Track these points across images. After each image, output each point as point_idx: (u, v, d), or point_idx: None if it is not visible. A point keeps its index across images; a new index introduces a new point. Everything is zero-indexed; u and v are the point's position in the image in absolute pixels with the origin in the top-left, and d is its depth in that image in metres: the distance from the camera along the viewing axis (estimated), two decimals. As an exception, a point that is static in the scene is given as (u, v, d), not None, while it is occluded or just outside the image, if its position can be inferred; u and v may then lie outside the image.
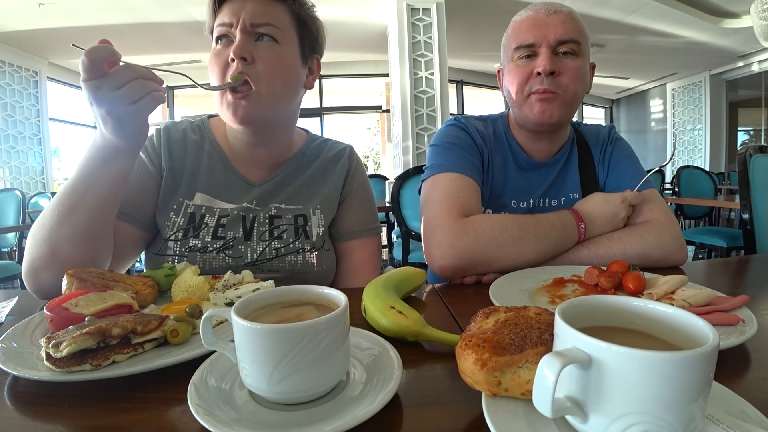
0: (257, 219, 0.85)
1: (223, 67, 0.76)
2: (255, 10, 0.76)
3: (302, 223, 0.87)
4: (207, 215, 0.83)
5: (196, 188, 0.85)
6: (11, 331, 0.51)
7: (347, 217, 0.92)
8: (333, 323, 0.36)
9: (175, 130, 0.89)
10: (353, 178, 0.95)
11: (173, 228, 0.81)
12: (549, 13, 0.87)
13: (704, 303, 0.56)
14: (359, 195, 0.95)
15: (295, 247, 0.84)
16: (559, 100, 0.87)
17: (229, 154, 0.89)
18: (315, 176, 0.92)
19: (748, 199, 1.61)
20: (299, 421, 0.35)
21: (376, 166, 10.11)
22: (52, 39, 5.35)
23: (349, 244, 0.92)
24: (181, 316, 0.51)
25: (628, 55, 6.79)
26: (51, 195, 5.09)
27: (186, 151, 0.87)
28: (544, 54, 0.86)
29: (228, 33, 0.77)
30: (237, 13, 0.76)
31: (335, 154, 0.95)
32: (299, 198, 0.89)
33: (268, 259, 0.83)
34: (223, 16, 0.77)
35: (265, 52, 0.77)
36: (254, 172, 0.89)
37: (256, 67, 0.76)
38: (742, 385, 0.41)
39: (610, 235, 0.86)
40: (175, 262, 0.78)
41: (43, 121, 6.09)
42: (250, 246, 0.83)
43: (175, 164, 0.85)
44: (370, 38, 5.83)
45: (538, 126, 0.91)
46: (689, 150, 8.17)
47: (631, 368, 0.26)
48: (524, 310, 0.42)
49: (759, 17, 3.96)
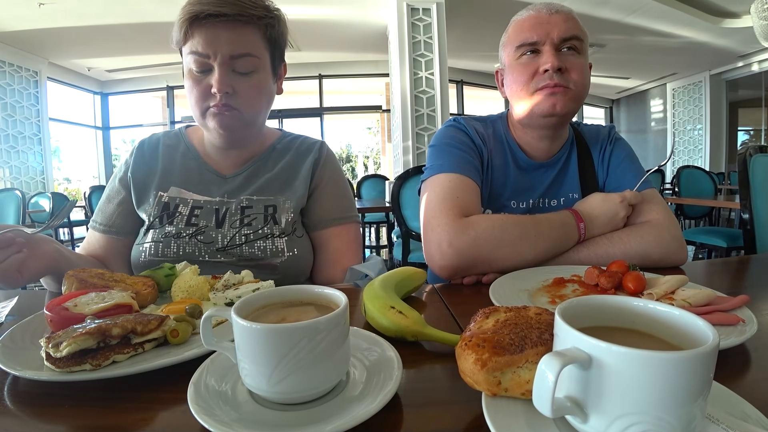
0: (229, 210, 0.89)
1: (204, 95, 0.81)
2: (231, 40, 0.78)
3: (272, 212, 0.90)
4: (181, 205, 0.89)
5: (171, 183, 0.91)
6: (11, 331, 0.51)
7: (319, 205, 0.94)
8: (333, 323, 0.36)
9: (148, 142, 0.98)
10: (323, 168, 0.97)
11: (150, 217, 0.88)
12: (551, 12, 0.88)
13: (704, 303, 0.56)
14: (330, 185, 0.96)
15: (264, 233, 0.87)
16: (570, 94, 0.87)
17: (203, 154, 0.96)
18: (285, 169, 0.95)
19: (748, 199, 1.61)
20: (299, 421, 0.35)
21: (376, 166, 10.12)
22: (52, 39, 5.36)
23: (324, 233, 0.94)
24: (181, 316, 0.51)
25: (628, 55, 6.79)
26: (51, 195, 5.10)
27: (158, 155, 0.95)
28: (548, 52, 0.86)
29: (205, 63, 0.79)
30: (213, 44, 0.78)
31: (306, 148, 0.99)
32: (270, 189, 0.92)
33: (237, 245, 0.86)
34: (198, 45, 0.78)
35: (245, 83, 0.82)
36: (226, 166, 0.94)
37: (238, 97, 0.81)
38: (742, 385, 0.41)
39: (610, 235, 0.86)
40: (151, 250, 0.84)
41: (43, 121, 6.10)
42: (221, 232, 0.87)
43: (146, 166, 0.93)
44: (370, 38, 5.84)
45: (546, 119, 0.90)
46: (689, 150, 8.17)
47: (631, 368, 0.26)
48: (524, 310, 0.42)
49: (759, 17, 3.96)
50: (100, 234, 0.92)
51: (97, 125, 7.59)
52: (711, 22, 5.34)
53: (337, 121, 8.52)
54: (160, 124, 7.89)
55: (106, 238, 0.91)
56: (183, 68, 0.83)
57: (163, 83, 7.41)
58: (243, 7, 0.77)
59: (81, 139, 7.54)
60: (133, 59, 6.47)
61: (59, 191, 6.08)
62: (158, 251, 0.84)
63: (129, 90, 7.61)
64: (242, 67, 0.81)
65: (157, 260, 0.83)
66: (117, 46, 5.87)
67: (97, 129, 7.58)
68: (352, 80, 7.42)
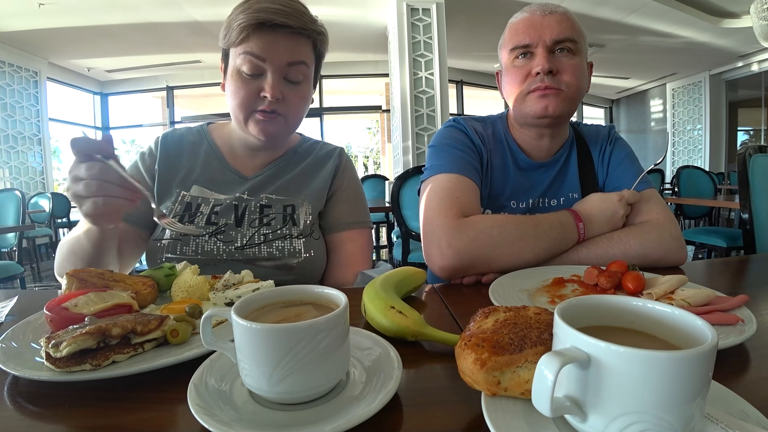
0: (248, 207, 0.90)
1: (251, 97, 0.82)
2: (289, 48, 0.81)
3: (290, 212, 0.91)
4: (202, 204, 0.89)
5: (193, 182, 0.91)
6: (11, 331, 0.51)
7: (336, 209, 0.97)
8: (333, 323, 0.36)
9: (172, 135, 0.97)
10: (343, 174, 1.00)
11: (171, 214, 0.88)
12: (544, 14, 0.88)
13: (704, 303, 0.56)
14: (348, 190, 0.99)
15: (282, 233, 0.88)
16: (561, 95, 0.88)
17: (226, 153, 0.96)
18: (305, 172, 0.97)
19: (747, 199, 1.61)
20: (299, 421, 0.35)
21: (376, 166, 10.12)
22: (52, 39, 5.36)
23: (339, 235, 0.95)
24: (181, 316, 0.51)
25: (627, 55, 6.79)
26: (51, 195, 5.09)
27: (182, 151, 0.95)
28: (541, 54, 0.87)
29: (259, 66, 0.80)
30: (270, 49, 0.80)
31: (326, 153, 1.01)
32: (289, 190, 0.94)
33: (256, 244, 0.87)
34: (255, 47, 0.79)
35: (294, 91, 0.85)
36: (248, 168, 0.96)
37: (286, 104, 0.84)
38: (741, 384, 0.41)
39: (609, 235, 0.86)
40: (170, 248, 0.85)
41: (43, 121, 6.10)
42: (240, 231, 0.88)
43: (171, 161, 0.93)
44: (370, 38, 5.84)
45: (539, 120, 0.91)
46: (689, 150, 8.17)
47: (630, 367, 0.26)
48: (524, 309, 0.42)
49: (759, 17, 3.96)
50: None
51: (97, 125, 7.59)
52: (711, 22, 5.34)
53: (337, 121, 8.51)
54: (160, 124, 7.89)
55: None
56: (227, 68, 0.84)
57: (163, 83, 7.41)
58: (304, 22, 0.81)
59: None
60: (133, 59, 6.47)
61: (59, 191, 6.07)
62: (176, 249, 0.84)
63: (129, 90, 7.62)
64: (294, 75, 0.83)
65: (175, 258, 0.83)
66: (117, 46, 5.88)
67: (97, 129, 7.57)
68: (351, 80, 7.42)
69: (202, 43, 5.83)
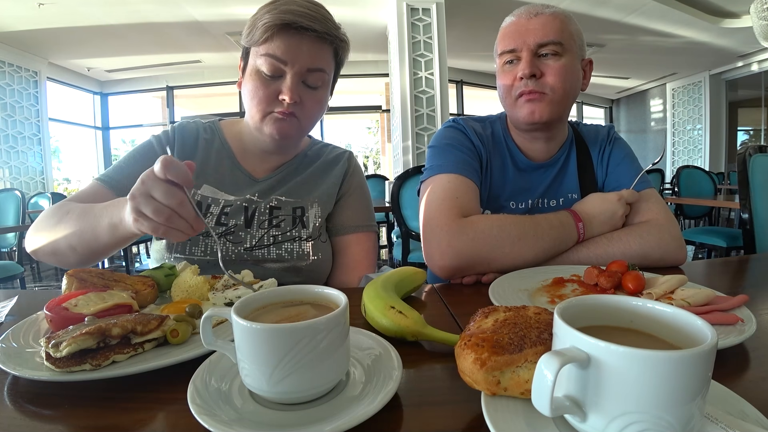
0: (258, 209, 0.90)
1: (270, 98, 0.81)
2: (312, 53, 0.81)
3: (300, 214, 0.91)
4: (212, 205, 0.88)
5: (204, 181, 0.90)
6: (11, 331, 0.51)
7: (344, 212, 0.97)
8: (333, 323, 0.36)
9: (188, 128, 0.96)
10: (351, 177, 1.00)
11: None
12: (530, 17, 0.89)
13: (703, 303, 0.56)
14: (356, 193, 1.00)
15: (291, 235, 0.89)
16: (546, 100, 0.88)
17: (237, 153, 0.95)
18: (314, 175, 0.97)
19: (747, 198, 1.61)
20: (299, 421, 0.35)
21: (376, 166, 10.11)
22: (52, 39, 5.35)
23: (345, 238, 0.96)
24: (181, 316, 0.51)
25: (627, 55, 6.79)
26: (51, 195, 5.09)
27: (197, 147, 0.94)
28: (524, 58, 0.87)
29: (279, 68, 0.80)
30: (293, 52, 0.79)
31: (334, 157, 1.02)
32: (299, 193, 0.94)
33: (265, 245, 0.87)
34: (278, 49, 0.78)
35: (312, 96, 0.84)
36: (259, 170, 0.95)
37: (302, 108, 0.83)
38: (741, 384, 0.41)
39: (609, 235, 0.86)
40: (178, 247, 0.84)
41: (43, 121, 6.09)
42: (250, 233, 0.87)
43: (186, 154, 0.92)
44: (370, 38, 5.83)
45: (528, 126, 0.93)
46: (689, 150, 8.17)
47: (630, 367, 0.26)
48: (523, 309, 0.42)
49: (759, 17, 3.96)
50: (109, 192, 0.83)
51: (97, 125, 7.58)
52: (711, 22, 5.33)
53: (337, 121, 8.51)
54: (160, 124, 7.88)
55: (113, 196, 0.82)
56: (246, 66, 0.84)
57: (163, 83, 7.41)
58: (328, 27, 0.82)
59: (81, 140, 7.53)
60: (132, 59, 6.46)
61: (59, 191, 6.07)
62: (185, 249, 0.84)
63: (129, 90, 7.61)
64: (313, 80, 0.83)
65: (183, 258, 0.83)
66: (117, 46, 5.87)
67: (97, 129, 7.57)
68: (351, 80, 7.41)
69: (202, 43, 5.82)
